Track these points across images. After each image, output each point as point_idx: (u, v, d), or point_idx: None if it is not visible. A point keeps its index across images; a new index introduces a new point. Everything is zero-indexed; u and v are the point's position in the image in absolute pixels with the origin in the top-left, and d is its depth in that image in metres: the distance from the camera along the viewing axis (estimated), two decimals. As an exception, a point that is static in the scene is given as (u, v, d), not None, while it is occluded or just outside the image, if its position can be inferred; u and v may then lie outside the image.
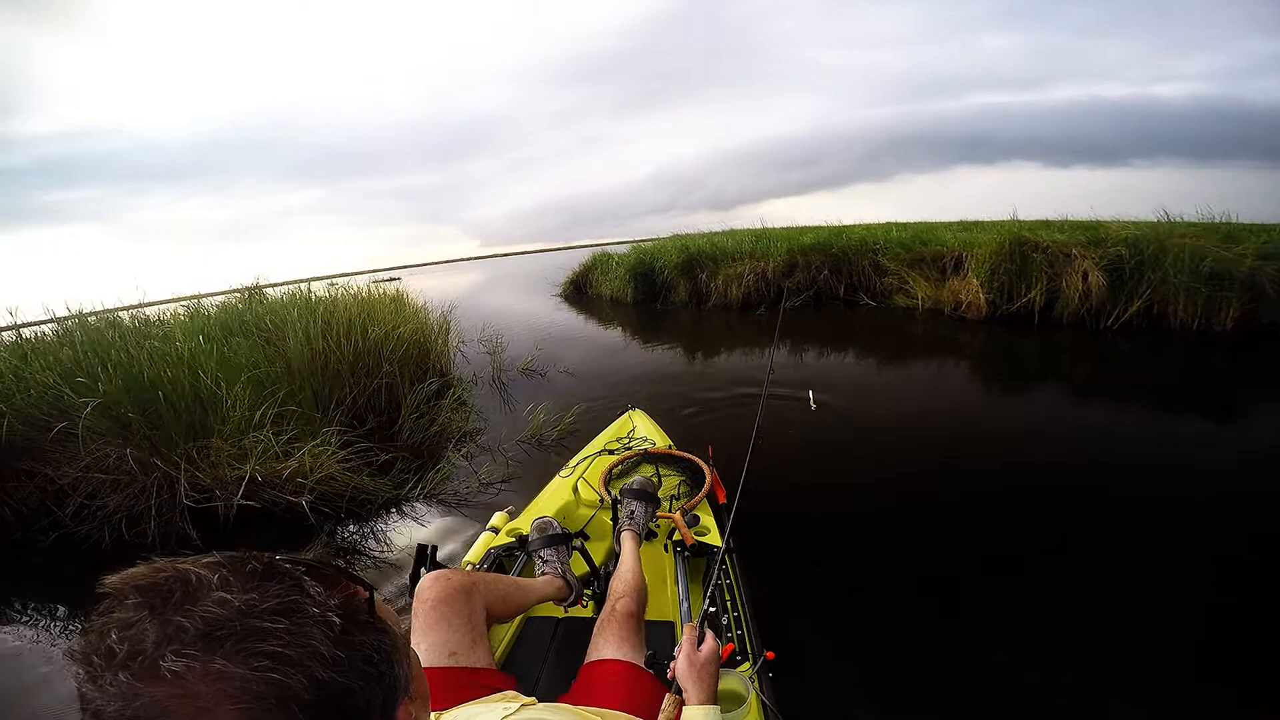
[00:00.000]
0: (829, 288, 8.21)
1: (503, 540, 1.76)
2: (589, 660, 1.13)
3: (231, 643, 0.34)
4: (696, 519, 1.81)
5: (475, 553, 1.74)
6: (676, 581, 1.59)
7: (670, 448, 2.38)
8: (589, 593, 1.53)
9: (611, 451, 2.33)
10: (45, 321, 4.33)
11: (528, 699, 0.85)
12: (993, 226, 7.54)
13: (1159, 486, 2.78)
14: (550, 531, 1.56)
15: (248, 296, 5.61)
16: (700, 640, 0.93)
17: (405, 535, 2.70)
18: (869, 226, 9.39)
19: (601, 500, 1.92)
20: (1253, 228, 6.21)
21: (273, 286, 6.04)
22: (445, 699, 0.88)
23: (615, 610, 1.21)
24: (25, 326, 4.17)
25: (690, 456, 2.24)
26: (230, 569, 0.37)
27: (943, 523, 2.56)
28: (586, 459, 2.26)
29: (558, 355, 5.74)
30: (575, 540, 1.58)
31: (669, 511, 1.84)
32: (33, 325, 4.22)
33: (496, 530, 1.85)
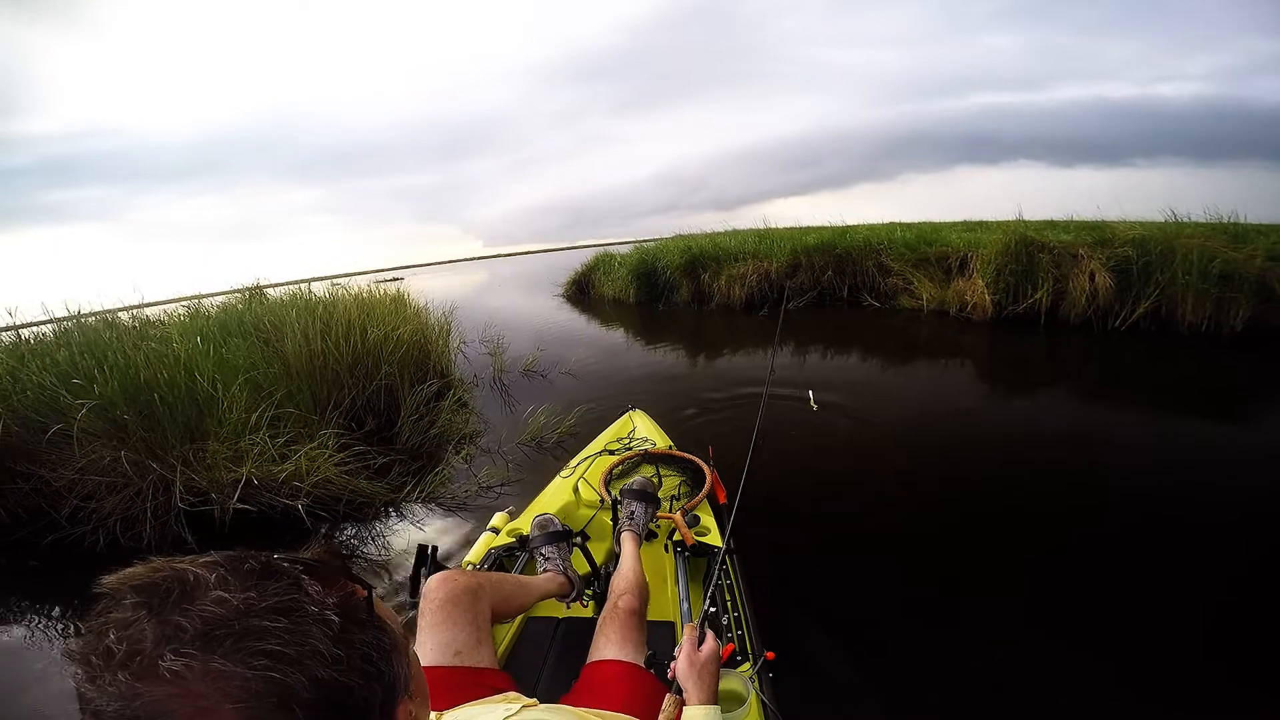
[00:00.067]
0: (833, 288, 8.16)
1: (503, 540, 1.75)
2: (590, 660, 1.13)
3: (230, 642, 0.34)
4: (697, 519, 1.81)
5: (476, 553, 1.74)
6: (677, 582, 1.58)
7: (671, 448, 2.38)
8: (589, 592, 1.53)
9: (612, 452, 2.32)
10: (44, 322, 4.31)
11: (529, 700, 0.85)
12: (998, 227, 7.49)
13: (1166, 488, 2.76)
14: (551, 529, 1.57)
15: (248, 297, 5.59)
16: (701, 640, 0.93)
17: (403, 537, 2.68)
18: (873, 227, 9.33)
19: (602, 500, 1.92)
20: (1261, 228, 6.15)
21: (273, 287, 6.03)
22: (448, 698, 0.88)
23: (617, 607, 1.21)
24: (24, 327, 4.16)
25: (691, 457, 2.24)
26: (228, 568, 0.37)
27: (944, 523, 2.54)
28: (587, 459, 2.25)
29: (559, 356, 5.70)
30: (575, 537, 1.59)
31: (669, 512, 1.83)
32: (31, 326, 4.21)
33: (497, 530, 1.85)
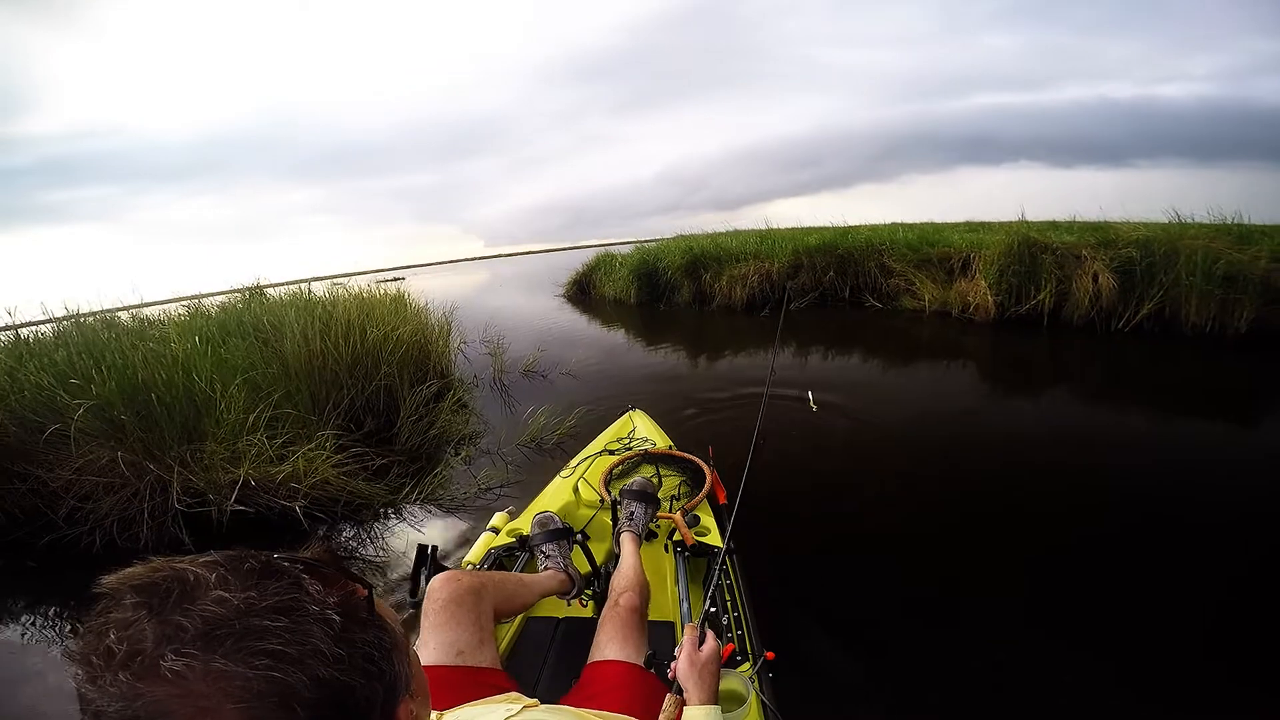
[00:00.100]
0: (834, 289, 8.13)
1: (503, 540, 1.75)
2: (591, 660, 1.13)
3: (231, 642, 0.34)
4: (697, 519, 1.81)
5: (476, 553, 1.74)
6: (677, 582, 1.58)
7: (671, 448, 2.38)
8: (589, 592, 1.53)
9: (612, 452, 2.32)
10: (42, 322, 4.30)
11: (530, 700, 0.85)
12: (1000, 227, 7.45)
13: (1168, 489, 2.74)
14: (552, 526, 1.58)
15: (248, 297, 5.58)
16: (701, 640, 0.93)
17: (402, 539, 2.66)
18: (875, 227, 9.28)
19: (602, 500, 1.92)
20: (1265, 229, 6.10)
21: (273, 286, 6.02)
22: (450, 698, 0.87)
23: (619, 605, 1.21)
24: (23, 327, 4.14)
25: (691, 457, 2.24)
26: (228, 568, 0.37)
27: (945, 523, 2.53)
28: (587, 459, 2.25)
29: (560, 356, 5.68)
30: (576, 535, 1.59)
31: (669, 512, 1.83)
32: (30, 325, 4.20)
33: (497, 530, 1.85)
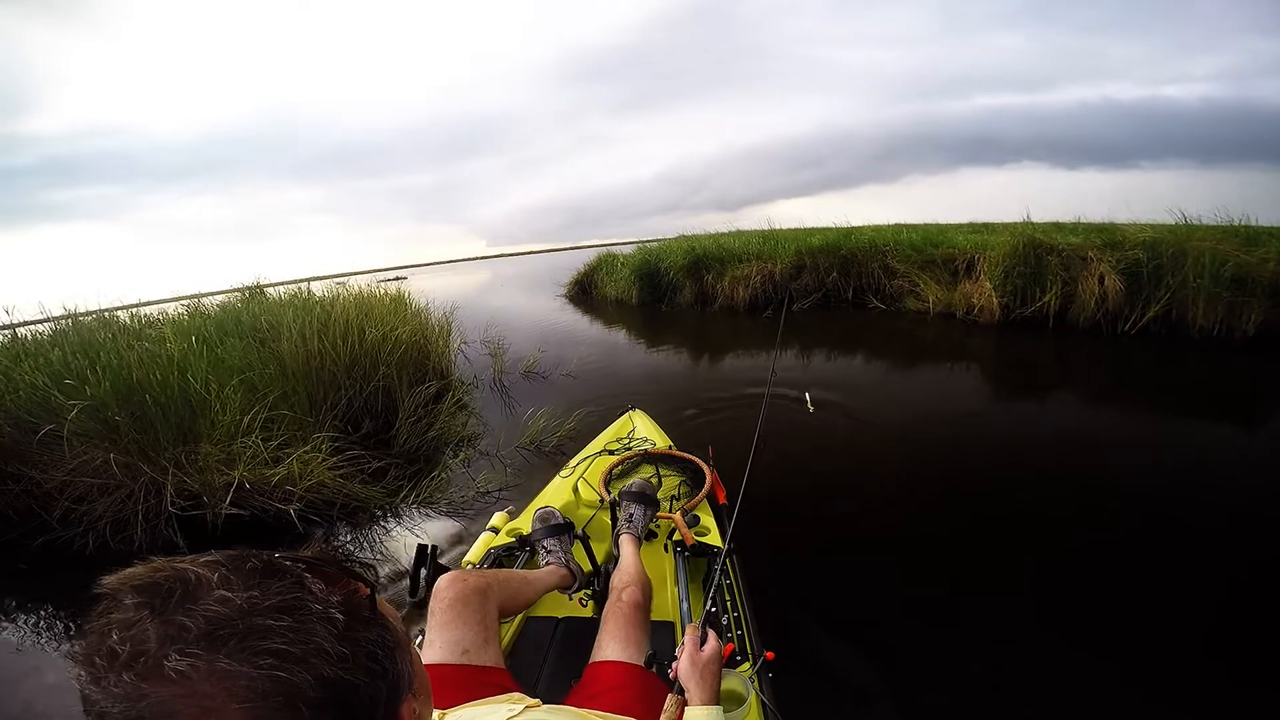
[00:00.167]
0: (838, 290, 8.09)
1: (503, 540, 1.75)
2: (593, 660, 1.12)
3: (235, 641, 0.33)
4: (697, 519, 1.81)
5: (475, 552, 1.73)
6: (676, 582, 1.57)
7: (670, 448, 2.37)
8: (588, 592, 1.53)
9: (612, 452, 2.31)
10: (40, 321, 4.28)
11: (532, 700, 0.84)
12: (1004, 229, 7.40)
13: (1175, 491, 2.72)
14: (553, 521, 1.58)
15: (247, 296, 5.56)
16: (703, 641, 0.93)
17: (399, 541, 2.63)
18: (878, 228, 9.23)
19: (602, 500, 1.91)
20: (1273, 231, 6.04)
21: (273, 286, 5.99)
22: (454, 696, 0.87)
23: (621, 600, 1.20)
24: (21, 326, 4.12)
25: (690, 457, 2.23)
26: (230, 567, 0.37)
27: (946, 524, 2.52)
28: (587, 459, 2.25)
29: (561, 357, 5.65)
30: (576, 530, 1.59)
31: (669, 512, 1.83)
32: (28, 325, 4.17)
33: (497, 530, 1.84)
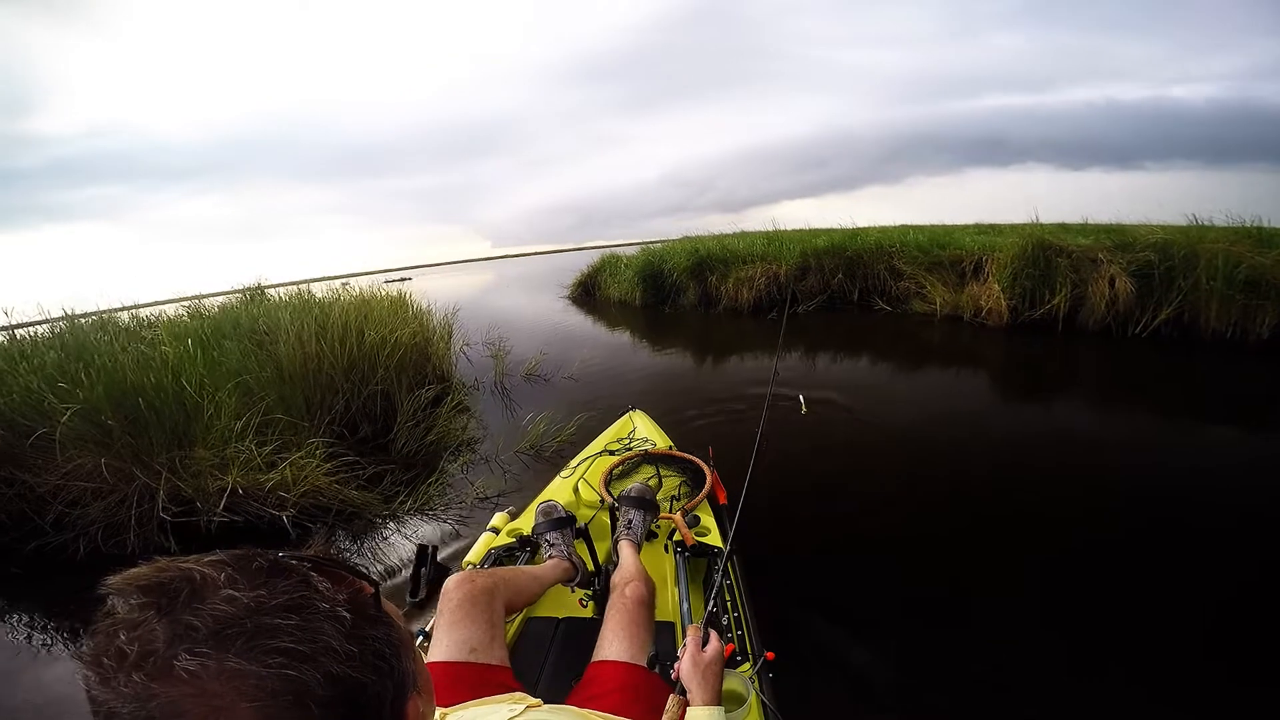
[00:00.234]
0: (843, 292, 8.02)
1: (503, 540, 1.75)
2: (595, 659, 1.12)
3: (244, 640, 0.33)
4: (697, 519, 1.81)
5: (476, 553, 1.73)
6: (677, 582, 1.56)
7: (671, 448, 2.38)
8: (589, 592, 1.53)
9: (612, 452, 2.31)
10: (38, 323, 4.27)
11: (534, 700, 0.84)
12: (1011, 229, 7.32)
13: (1183, 495, 2.67)
14: (555, 515, 1.59)
15: (248, 297, 5.54)
16: (705, 641, 0.93)
17: (396, 546, 2.58)
18: (884, 229, 9.17)
19: (602, 501, 1.91)
20: (1286, 232, 5.95)
21: (274, 287, 5.97)
22: (459, 694, 0.88)
23: (625, 595, 1.20)
24: (20, 327, 4.10)
25: (691, 457, 2.24)
26: (235, 567, 0.37)
27: (949, 526, 2.49)
28: (587, 459, 2.25)
29: (562, 359, 5.61)
30: (579, 523, 1.60)
31: (669, 512, 1.83)
32: (26, 326, 4.15)
33: (497, 530, 1.84)
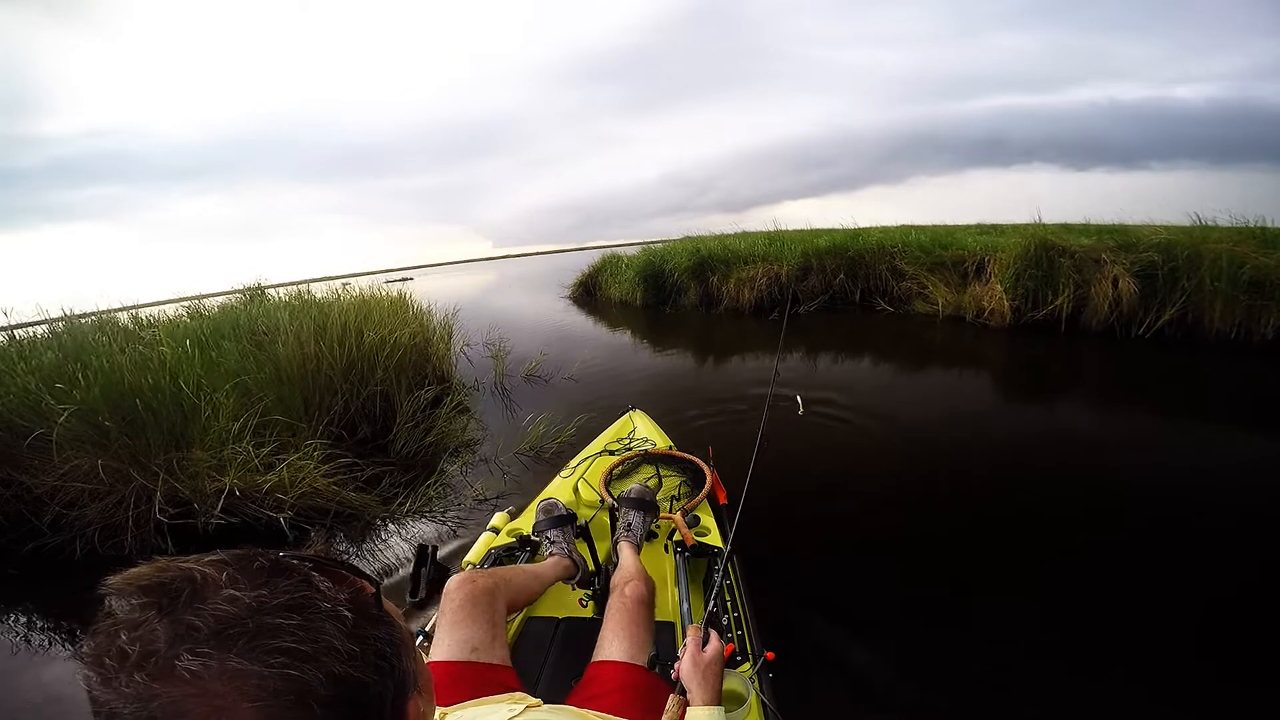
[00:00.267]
0: (845, 292, 8.00)
1: (503, 540, 1.75)
2: (595, 659, 1.12)
3: (246, 640, 0.33)
4: (697, 519, 1.81)
5: (476, 553, 1.73)
6: (677, 582, 1.56)
7: (671, 448, 2.37)
8: (589, 592, 1.53)
9: (612, 452, 2.31)
10: (38, 323, 4.26)
11: (534, 700, 0.84)
12: (1013, 230, 7.29)
13: (1185, 495, 2.65)
14: (556, 512, 1.59)
15: (248, 297, 5.53)
16: (705, 641, 0.93)
17: (394, 548, 2.57)
18: (886, 229, 9.14)
19: (602, 501, 1.90)
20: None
21: (274, 287, 5.96)
22: (460, 693, 0.88)
23: (625, 594, 1.20)
24: (19, 327, 4.09)
25: (691, 457, 2.23)
26: (236, 566, 0.37)
27: (951, 526, 2.49)
28: (587, 459, 2.25)
29: (563, 360, 5.59)
30: (579, 523, 1.60)
31: (669, 512, 1.83)
32: (26, 326, 4.15)
33: (497, 530, 1.84)
